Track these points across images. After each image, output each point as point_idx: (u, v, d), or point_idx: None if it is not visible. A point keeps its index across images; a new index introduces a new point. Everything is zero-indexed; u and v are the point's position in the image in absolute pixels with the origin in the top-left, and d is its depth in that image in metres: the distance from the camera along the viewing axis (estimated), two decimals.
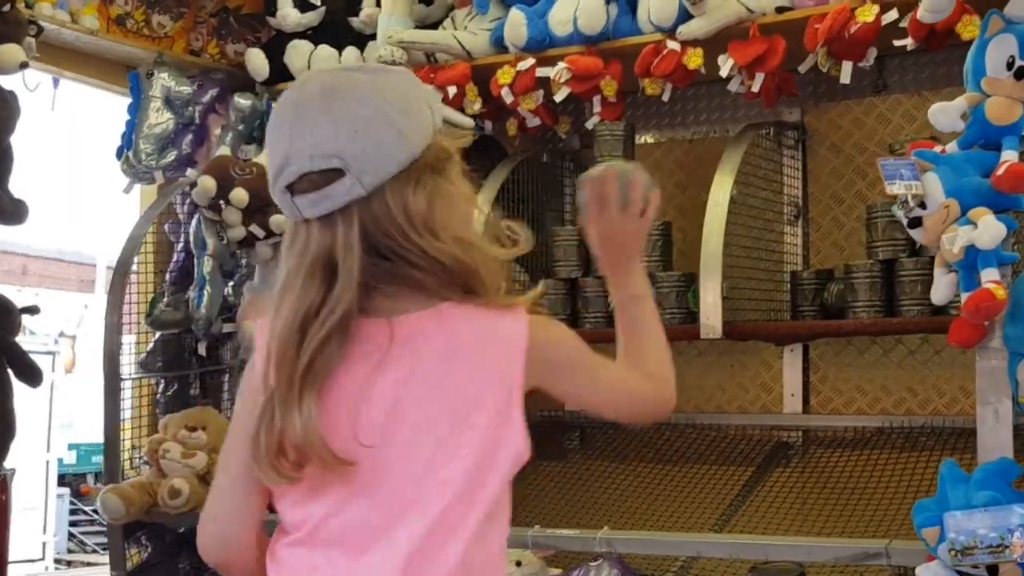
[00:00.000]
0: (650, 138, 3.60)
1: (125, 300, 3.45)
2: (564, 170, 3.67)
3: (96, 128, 7.49)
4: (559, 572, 2.95)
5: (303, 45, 3.69)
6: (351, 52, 3.65)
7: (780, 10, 2.97)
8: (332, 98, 1.36)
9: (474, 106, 3.38)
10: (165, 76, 3.61)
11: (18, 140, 2.99)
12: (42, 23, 3.14)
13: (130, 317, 3.48)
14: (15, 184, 3.00)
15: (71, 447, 12.69)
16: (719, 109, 3.47)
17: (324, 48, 3.67)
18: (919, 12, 2.54)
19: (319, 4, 3.68)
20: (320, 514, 1.38)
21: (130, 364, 3.50)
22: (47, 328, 12.23)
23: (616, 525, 2.84)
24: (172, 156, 3.64)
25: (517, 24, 3.27)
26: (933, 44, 2.79)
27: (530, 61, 3.25)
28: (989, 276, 2.22)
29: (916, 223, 2.34)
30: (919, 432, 3.02)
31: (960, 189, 2.29)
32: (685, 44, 3.05)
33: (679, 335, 3.10)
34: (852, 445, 3.09)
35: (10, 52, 2.91)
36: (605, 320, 3.20)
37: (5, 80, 2.96)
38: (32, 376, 2.96)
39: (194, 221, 3.46)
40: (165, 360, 3.53)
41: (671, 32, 3.07)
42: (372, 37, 3.62)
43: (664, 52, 3.07)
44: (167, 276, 3.58)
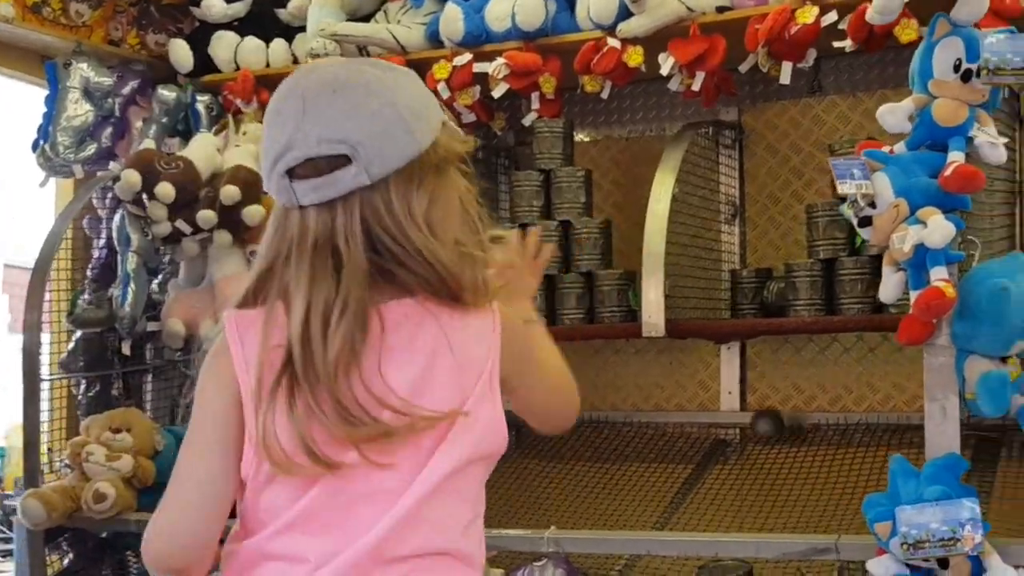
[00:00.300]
0: (587, 136, 3.59)
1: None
2: (499, 167, 3.64)
3: (10, 120, 7.18)
4: (501, 572, 2.92)
5: (229, 37, 3.59)
6: (279, 45, 3.57)
7: (720, 10, 2.98)
8: (343, 87, 1.35)
9: None
10: (84, 67, 3.48)
11: None
12: None
13: (48, 316, 3.33)
14: None
15: None
16: (656, 108, 3.49)
17: (251, 40, 3.57)
18: (868, 13, 2.57)
19: None
20: (320, 499, 1.34)
21: (48, 364, 3.36)
22: None
23: (557, 524, 2.82)
24: (91, 149, 3.50)
25: (453, 19, 3.23)
26: (871, 46, 2.83)
27: (467, 56, 3.22)
28: (938, 275, 2.26)
29: (866, 222, 2.37)
30: (854, 429, 3.07)
31: (909, 189, 2.33)
32: (625, 42, 3.04)
33: (619, 333, 3.12)
34: (789, 442, 3.12)
35: None
36: (545, 318, 3.18)
37: None
38: None
39: (117, 216, 3.35)
40: (87, 360, 3.40)
41: (611, 30, 3.07)
42: (300, 29, 3.55)
43: (604, 50, 3.06)
44: (88, 273, 3.45)
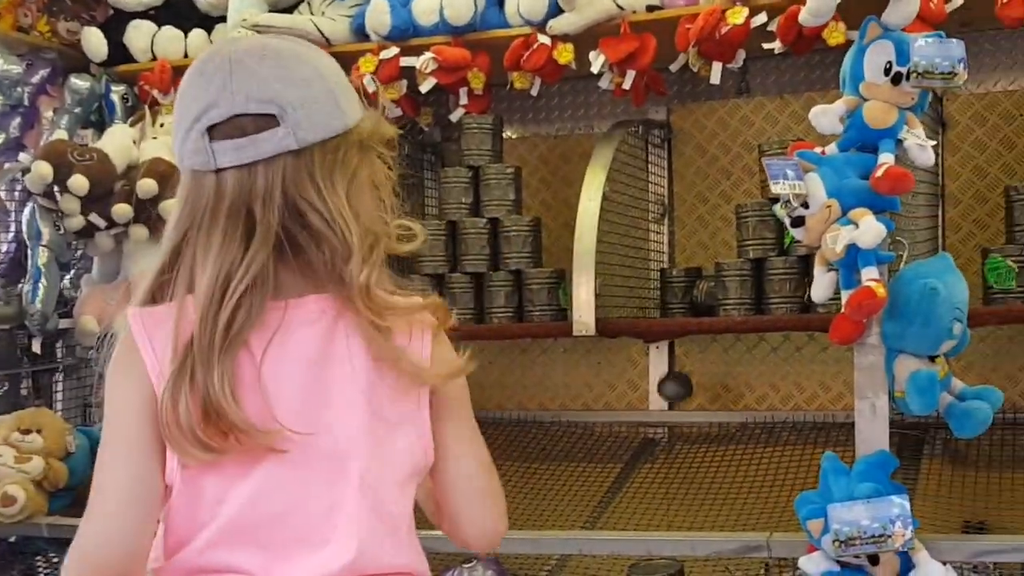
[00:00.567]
0: (515, 133, 3.56)
1: None
2: (425, 163, 3.60)
3: None
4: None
5: (145, 25, 3.50)
6: (198, 35, 3.48)
7: (651, 8, 2.98)
8: (272, 53, 1.32)
9: None
10: None
11: None
12: None
13: None
14: None
15: None
16: (584, 106, 3.48)
17: (169, 29, 3.48)
18: (801, 15, 2.59)
19: None
20: (239, 503, 1.29)
21: None
22: None
23: None
24: None
25: (380, 12, 3.18)
26: (798, 48, 2.85)
27: (394, 50, 3.17)
28: (869, 274, 2.28)
29: (799, 222, 2.38)
30: (781, 427, 3.10)
31: (841, 190, 2.35)
32: (555, 39, 3.03)
33: (549, 332, 3.10)
34: (716, 441, 3.14)
35: None
36: (473, 317, 3.15)
37: None
38: None
39: (27, 210, 3.26)
40: None
41: (540, 26, 3.05)
42: (220, 20, 3.46)
43: (534, 46, 3.04)
44: None
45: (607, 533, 2.74)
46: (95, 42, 3.45)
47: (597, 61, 3.00)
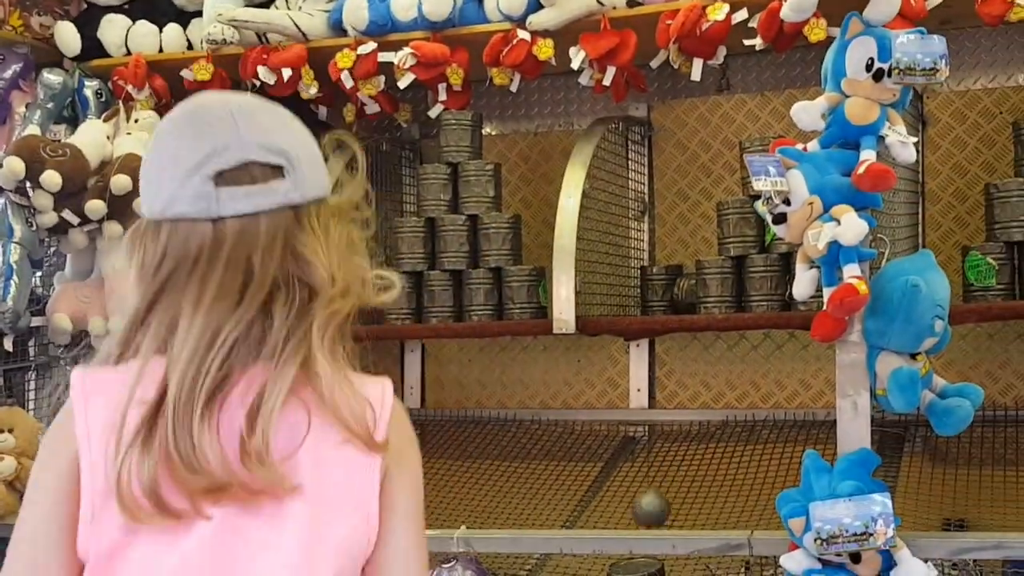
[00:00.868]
0: (494, 129, 3.54)
1: None
2: (404, 159, 3.57)
3: None
4: None
5: (119, 20, 3.46)
6: (173, 29, 3.44)
7: (631, 4, 2.96)
8: (270, 107, 1.32)
9: (310, 90, 3.25)
10: None
11: None
12: None
13: None
14: None
15: None
16: (564, 102, 3.46)
17: (143, 24, 3.44)
18: (783, 10, 2.58)
19: None
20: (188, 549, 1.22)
21: None
22: None
23: (466, 524, 2.76)
24: None
25: (357, 7, 3.16)
26: (780, 45, 2.84)
27: (372, 45, 3.14)
28: (851, 272, 2.27)
29: (780, 219, 2.37)
30: (762, 425, 3.09)
31: (823, 187, 2.33)
32: (535, 34, 3.01)
33: (529, 330, 3.08)
34: (697, 439, 3.12)
35: None
36: (452, 314, 3.12)
37: None
38: None
39: None
40: None
41: (520, 22, 3.03)
42: (195, 14, 3.42)
43: (514, 42, 3.02)
44: None
45: (587, 532, 2.72)
46: (68, 36, 3.41)
47: (577, 57, 2.98)
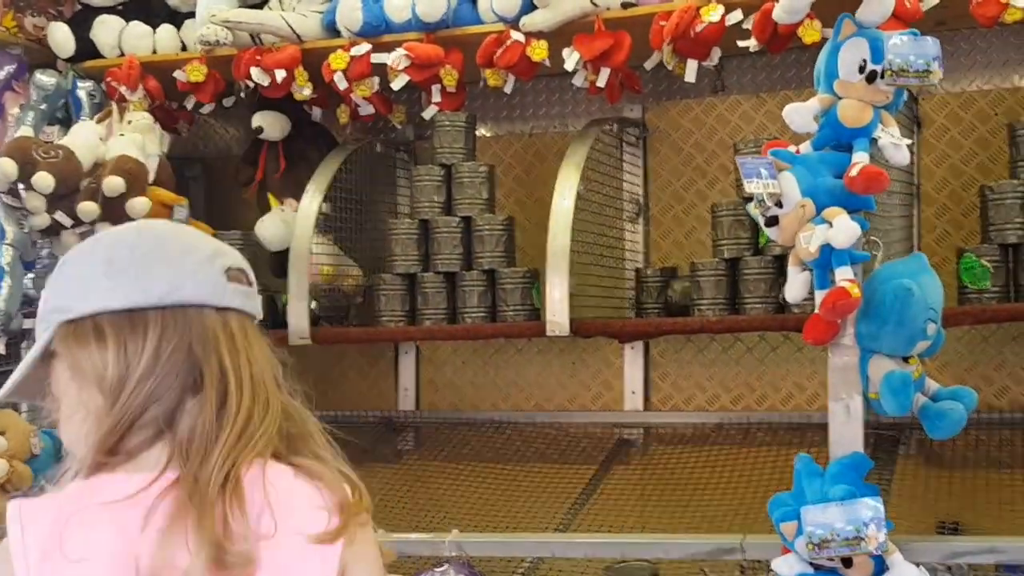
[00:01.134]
0: (489, 131, 3.53)
1: None
2: (398, 161, 3.56)
3: None
4: None
5: (113, 21, 3.46)
6: (167, 30, 3.44)
7: (625, 6, 2.95)
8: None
9: (303, 91, 3.25)
10: None
11: None
12: None
13: None
14: None
15: None
16: (559, 104, 3.45)
17: (137, 25, 3.44)
18: (775, 11, 2.56)
19: None
20: None
21: None
22: None
23: (458, 527, 2.75)
24: None
25: (351, 8, 3.15)
26: (774, 47, 2.83)
27: (365, 46, 3.13)
28: (843, 275, 2.26)
29: (773, 222, 2.36)
30: (756, 428, 3.08)
31: (815, 189, 2.32)
32: (529, 36, 3.00)
33: (523, 332, 3.08)
34: (692, 441, 3.11)
35: None
36: (446, 317, 3.12)
37: None
38: None
39: None
40: None
41: (513, 23, 3.02)
42: (189, 15, 3.42)
43: (508, 43, 3.01)
44: None
45: (579, 536, 2.72)
46: (62, 38, 3.41)
47: (571, 58, 2.97)
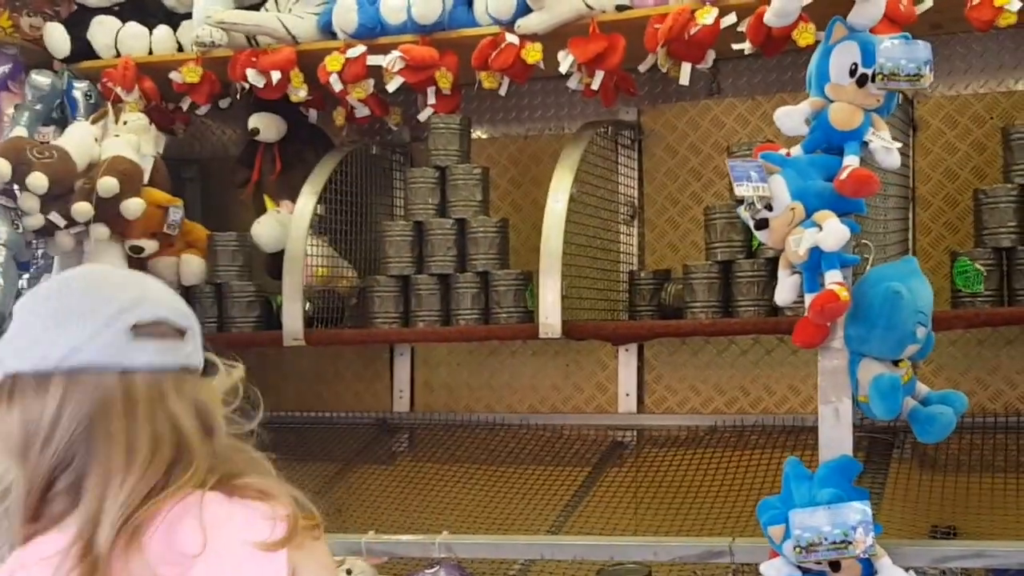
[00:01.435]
0: (484, 133, 3.53)
1: None
2: (394, 163, 3.56)
3: None
4: None
5: (109, 21, 3.47)
6: (163, 31, 3.44)
7: (620, 8, 2.95)
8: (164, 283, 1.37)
9: (299, 93, 3.26)
10: None
11: None
12: None
13: None
14: None
15: None
16: (555, 106, 3.45)
17: (133, 26, 3.44)
18: (766, 15, 2.56)
19: None
20: None
21: None
22: None
23: (451, 529, 2.75)
24: None
25: (347, 9, 3.15)
26: (769, 50, 2.82)
27: (361, 48, 3.14)
28: (833, 278, 2.26)
29: (763, 224, 2.36)
30: (750, 431, 3.08)
31: (805, 192, 2.32)
32: (524, 38, 3.00)
33: (516, 334, 3.07)
34: (686, 444, 3.11)
35: None
36: (440, 318, 3.11)
37: None
38: None
39: None
40: None
41: (509, 25, 3.02)
42: (185, 16, 3.42)
43: (503, 45, 3.01)
44: None
45: (570, 538, 2.71)
46: (58, 38, 3.42)
47: (566, 61, 2.97)
